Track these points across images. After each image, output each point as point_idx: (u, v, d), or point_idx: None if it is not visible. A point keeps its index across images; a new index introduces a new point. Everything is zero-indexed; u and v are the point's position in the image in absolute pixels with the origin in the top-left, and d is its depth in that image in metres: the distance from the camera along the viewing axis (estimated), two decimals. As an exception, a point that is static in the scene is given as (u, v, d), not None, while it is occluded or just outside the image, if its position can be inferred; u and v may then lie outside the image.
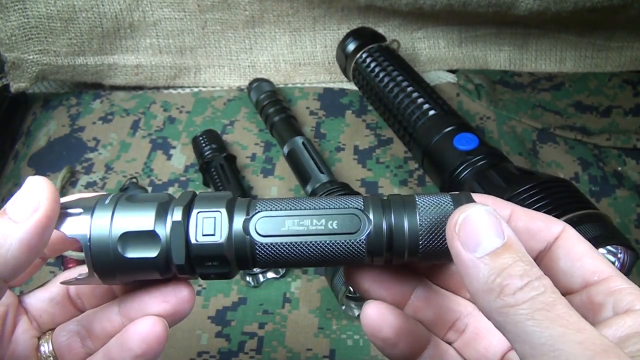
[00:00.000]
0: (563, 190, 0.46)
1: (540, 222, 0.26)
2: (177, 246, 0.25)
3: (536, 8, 0.66)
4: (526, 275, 0.22)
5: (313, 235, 0.25)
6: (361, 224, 0.25)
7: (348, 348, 0.50)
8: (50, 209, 0.25)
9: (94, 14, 0.67)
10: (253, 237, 0.25)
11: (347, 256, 0.26)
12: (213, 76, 0.74)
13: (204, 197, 0.26)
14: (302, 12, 0.71)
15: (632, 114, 0.69)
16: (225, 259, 0.25)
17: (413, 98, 0.58)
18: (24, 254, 0.24)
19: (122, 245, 0.25)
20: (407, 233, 0.25)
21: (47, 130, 0.68)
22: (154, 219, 0.25)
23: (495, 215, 0.23)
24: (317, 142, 0.66)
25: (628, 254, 0.45)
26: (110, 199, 0.26)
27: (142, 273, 0.26)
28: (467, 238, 0.23)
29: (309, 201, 0.26)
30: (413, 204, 0.26)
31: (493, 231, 0.23)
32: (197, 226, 0.25)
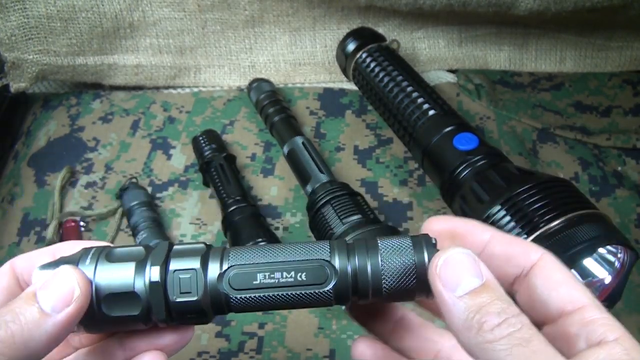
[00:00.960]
0: (563, 190, 0.46)
1: (518, 247, 0.27)
2: (157, 305, 0.27)
3: (536, 8, 0.66)
4: (504, 313, 0.23)
5: (283, 287, 0.27)
6: (328, 274, 0.27)
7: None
8: (82, 305, 0.25)
9: (94, 14, 0.67)
10: (227, 291, 0.27)
11: (316, 303, 0.28)
12: (213, 76, 0.74)
13: (179, 253, 0.28)
14: (302, 12, 0.71)
15: (632, 114, 0.69)
16: (202, 312, 0.27)
17: (413, 98, 0.58)
18: (50, 346, 0.25)
19: (105, 305, 0.26)
20: (370, 277, 0.27)
21: (47, 130, 0.68)
22: (133, 279, 0.27)
23: (474, 258, 0.24)
24: (317, 142, 0.66)
25: (628, 254, 0.45)
26: (90, 257, 0.27)
27: (127, 326, 0.28)
28: (447, 278, 0.24)
29: (280, 251, 0.28)
30: (375, 248, 0.27)
31: (472, 272, 0.24)
32: (174, 285, 0.27)
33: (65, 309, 0.25)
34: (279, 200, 0.61)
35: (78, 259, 0.27)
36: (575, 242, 0.41)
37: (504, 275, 0.27)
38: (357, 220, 0.50)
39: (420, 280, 0.26)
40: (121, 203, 0.59)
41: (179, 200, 0.61)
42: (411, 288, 0.27)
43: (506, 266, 0.27)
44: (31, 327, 0.24)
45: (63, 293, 0.25)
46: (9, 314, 0.24)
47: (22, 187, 0.63)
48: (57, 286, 0.25)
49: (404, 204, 0.60)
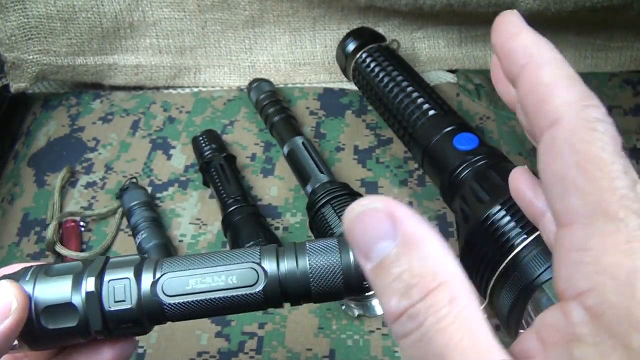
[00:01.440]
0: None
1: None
2: (93, 315, 0.27)
3: (536, 8, 0.66)
4: (405, 296, 0.18)
5: (215, 291, 0.28)
6: (258, 276, 0.28)
7: (348, 348, 0.50)
8: (20, 317, 0.26)
9: (94, 14, 0.67)
10: (161, 298, 0.28)
11: (248, 306, 0.28)
12: (213, 76, 0.74)
13: (114, 264, 0.29)
14: (302, 12, 0.71)
15: (632, 114, 0.69)
16: (137, 321, 0.28)
17: (413, 98, 0.58)
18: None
19: (44, 317, 0.27)
20: (298, 276, 0.28)
21: (47, 130, 0.68)
22: (70, 290, 0.27)
23: (384, 211, 0.19)
24: (317, 142, 0.66)
25: (628, 254, 0.45)
26: (30, 274, 0.28)
27: (67, 339, 0.28)
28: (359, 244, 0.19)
29: (212, 258, 0.29)
30: (304, 250, 0.28)
31: (382, 233, 0.19)
32: (109, 294, 0.28)
33: (3, 322, 0.25)
34: (279, 200, 0.61)
35: (19, 277, 0.28)
36: (575, 242, 0.41)
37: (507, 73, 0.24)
38: (357, 220, 0.50)
39: (347, 280, 0.27)
40: (121, 203, 0.59)
41: (179, 200, 0.61)
42: (339, 289, 0.28)
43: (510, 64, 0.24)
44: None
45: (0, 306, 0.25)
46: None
47: (22, 187, 0.63)
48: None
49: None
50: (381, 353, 0.49)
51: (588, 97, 0.21)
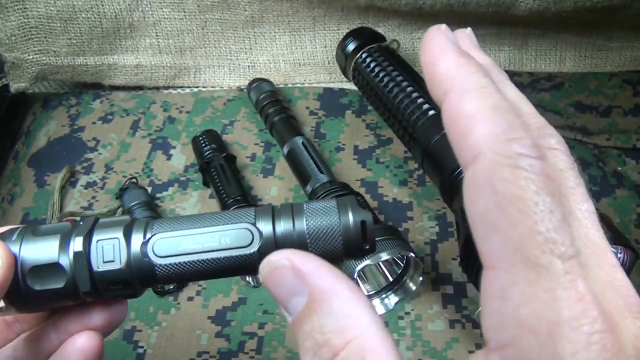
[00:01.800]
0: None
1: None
2: (81, 276, 0.27)
3: (536, 8, 0.66)
4: (317, 356, 0.18)
5: (208, 252, 0.27)
6: (252, 237, 0.27)
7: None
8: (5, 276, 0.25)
9: (94, 14, 0.67)
10: (151, 258, 0.27)
11: (243, 268, 0.27)
12: (213, 76, 0.74)
13: (103, 224, 0.28)
14: (302, 12, 0.71)
15: (632, 114, 0.69)
16: (127, 282, 0.27)
17: (413, 98, 0.58)
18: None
19: (30, 278, 0.26)
20: (295, 237, 0.26)
21: (47, 130, 0.68)
22: (57, 251, 0.27)
23: (290, 268, 0.20)
24: (317, 142, 0.66)
25: (628, 254, 0.45)
26: (17, 234, 0.28)
27: (55, 301, 0.28)
28: (276, 297, 0.20)
29: (205, 219, 0.27)
30: (301, 211, 0.27)
31: (293, 289, 0.19)
32: (97, 254, 0.27)
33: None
34: (279, 201, 0.61)
35: (5, 237, 0.27)
36: (575, 242, 0.41)
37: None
38: (357, 220, 0.50)
39: (346, 242, 0.26)
40: (121, 203, 0.59)
41: (179, 200, 0.61)
42: (338, 252, 0.26)
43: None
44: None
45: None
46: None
47: (22, 187, 0.63)
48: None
49: (404, 204, 0.60)
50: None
51: (513, 129, 0.18)
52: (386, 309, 0.51)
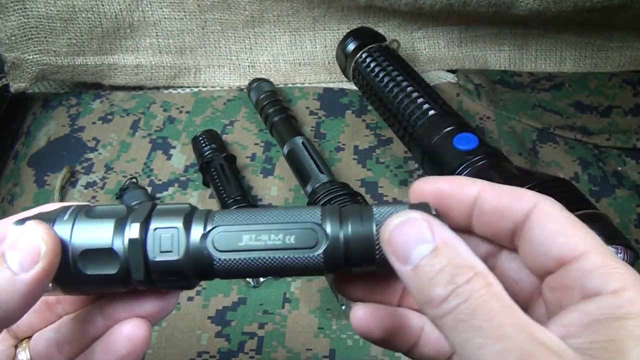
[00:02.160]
0: (563, 191, 0.46)
1: (508, 198, 0.24)
2: (135, 264, 0.25)
3: (536, 8, 0.66)
4: (451, 283, 0.20)
5: (270, 250, 0.25)
6: (318, 238, 0.25)
7: (348, 348, 0.50)
8: (52, 261, 0.24)
9: (94, 14, 0.67)
10: (211, 252, 0.26)
11: (306, 269, 0.26)
12: (213, 76, 0.74)
13: (162, 211, 0.27)
14: (302, 12, 0.71)
15: (632, 114, 0.69)
16: (183, 274, 0.26)
17: (413, 98, 0.58)
18: (25, 306, 0.24)
19: (81, 261, 0.25)
20: (363, 243, 0.25)
21: (47, 130, 0.68)
22: (112, 235, 0.25)
23: (422, 220, 0.22)
24: (317, 142, 0.66)
25: (628, 254, 0.45)
26: (69, 214, 0.26)
27: (104, 286, 0.27)
28: (398, 251, 0.22)
29: (268, 214, 0.26)
30: (370, 214, 0.26)
31: (420, 238, 0.22)
32: (154, 243, 0.26)
33: (34, 267, 0.24)
34: (279, 200, 0.61)
35: (56, 216, 0.26)
36: (575, 242, 0.41)
37: (501, 232, 0.25)
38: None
39: None
40: (121, 203, 0.59)
41: (179, 200, 0.61)
42: None
43: (500, 222, 0.24)
44: (2, 289, 0.23)
45: (29, 250, 0.24)
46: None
47: (22, 187, 0.63)
48: (23, 244, 0.24)
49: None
50: (381, 353, 0.49)
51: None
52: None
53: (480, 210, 0.25)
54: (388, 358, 0.49)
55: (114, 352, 0.27)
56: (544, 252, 0.23)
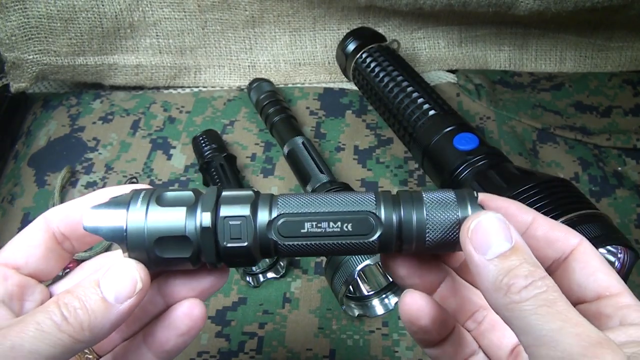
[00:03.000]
0: (563, 190, 0.46)
1: (559, 232, 0.28)
2: (207, 249, 0.28)
3: (536, 8, 0.66)
4: (531, 276, 0.24)
5: (330, 236, 0.28)
6: (374, 226, 0.28)
7: (348, 348, 0.50)
8: (144, 296, 0.27)
9: (94, 14, 0.67)
10: (276, 239, 0.28)
11: (360, 252, 0.29)
12: (213, 76, 0.74)
13: (229, 199, 0.29)
14: (302, 12, 0.71)
15: (632, 114, 0.69)
16: (251, 256, 0.28)
17: (413, 98, 0.58)
18: (112, 331, 0.26)
19: (158, 247, 0.28)
20: (415, 228, 0.28)
21: (47, 130, 0.68)
22: (184, 223, 0.27)
23: (504, 222, 0.26)
24: (317, 142, 0.66)
25: (628, 254, 0.45)
26: (140, 200, 0.28)
27: (176, 266, 0.29)
28: (478, 242, 0.25)
29: (327, 201, 0.29)
30: (420, 201, 0.28)
31: (502, 236, 0.25)
32: (224, 231, 0.28)
33: (129, 300, 0.26)
34: (279, 200, 0.61)
35: (129, 201, 0.28)
36: (575, 242, 0.41)
37: (544, 258, 0.28)
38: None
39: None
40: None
41: (179, 200, 0.61)
42: (453, 241, 0.28)
43: (547, 249, 0.28)
44: (97, 316, 0.25)
45: (126, 286, 0.26)
46: (76, 300, 0.25)
47: (23, 187, 0.63)
48: (121, 278, 0.26)
49: (404, 204, 0.60)
50: (381, 353, 0.49)
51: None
52: (386, 309, 0.51)
53: (531, 235, 0.29)
54: (388, 358, 0.49)
55: (176, 330, 0.29)
56: (584, 284, 0.27)
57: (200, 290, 0.30)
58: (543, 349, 0.23)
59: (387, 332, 0.50)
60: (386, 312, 0.51)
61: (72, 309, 0.25)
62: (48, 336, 0.24)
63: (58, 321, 0.25)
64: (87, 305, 0.25)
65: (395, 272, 0.31)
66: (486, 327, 0.32)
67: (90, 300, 0.26)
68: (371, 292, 0.52)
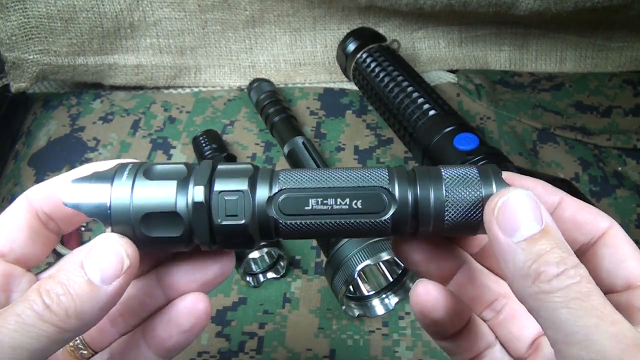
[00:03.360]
0: (563, 191, 0.45)
1: (587, 214, 0.26)
2: (199, 227, 0.25)
3: (536, 8, 0.66)
4: (563, 263, 0.21)
5: (337, 214, 0.25)
6: (386, 203, 0.25)
7: (348, 348, 0.50)
8: (133, 275, 0.24)
9: (94, 14, 0.67)
10: (276, 217, 0.25)
11: (371, 233, 0.26)
12: (213, 76, 0.74)
13: (225, 172, 0.26)
14: (303, 12, 0.71)
15: (632, 114, 0.69)
16: (248, 236, 0.25)
17: (413, 98, 0.58)
18: (102, 315, 0.24)
19: (144, 224, 0.25)
20: (432, 207, 0.25)
21: (47, 130, 0.68)
22: (174, 197, 0.25)
23: (535, 201, 0.23)
24: (318, 142, 0.66)
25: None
26: (126, 173, 0.25)
27: (166, 247, 0.26)
28: (505, 222, 0.23)
29: (333, 175, 0.26)
30: (439, 176, 0.25)
31: (532, 217, 0.23)
32: (219, 207, 0.25)
33: (117, 281, 0.23)
34: (279, 200, 0.61)
35: (113, 174, 0.25)
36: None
37: (572, 241, 0.25)
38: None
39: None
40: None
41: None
42: (475, 222, 0.25)
43: (575, 232, 0.26)
44: (83, 300, 0.23)
45: (112, 265, 0.24)
46: (59, 286, 0.23)
47: (23, 187, 0.63)
48: (105, 257, 0.24)
49: (404, 204, 0.60)
50: (381, 353, 0.49)
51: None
52: (386, 309, 0.51)
53: (558, 217, 0.26)
54: (388, 358, 0.49)
55: (178, 327, 0.27)
56: (614, 271, 0.25)
57: (203, 281, 0.27)
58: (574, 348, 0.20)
59: (387, 332, 0.50)
60: (386, 312, 0.51)
61: (55, 295, 0.23)
62: (30, 328, 0.22)
63: (40, 310, 0.22)
64: (70, 290, 0.23)
65: (409, 258, 0.28)
66: (505, 317, 0.29)
67: (74, 283, 0.23)
68: (371, 292, 0.52)
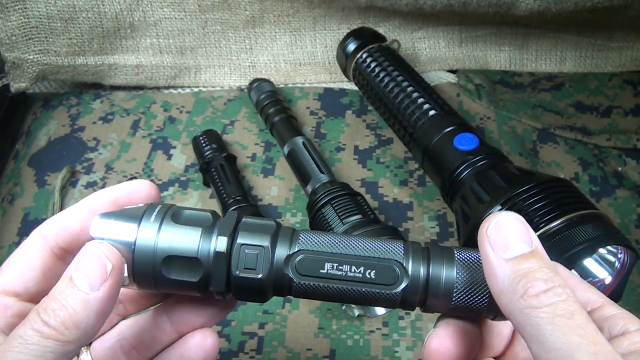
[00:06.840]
0: (563, 190, 0.46)
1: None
2: (218, 276, 0.26)
3: (536, 8, 0.66)
4: (550, 281, 0.23)
5: (350, 281, 0.26)
6: (399, 277, 0.26)
7: (348, 348, 0.50)
8: (119, 276, 0.25)
9: (95, 14, 0.67)
10: (292, 276, 0.26)
11: (379, 302, 0.27)
12: (213, 76, 0.74)
13: (249, 227, 0.27)
14: (303, 12, 0.71)
15: (632, 114, 0.69)
16: (262, 290, 0.27)
17: (413, 98, 0.58)
18: (100, 321, 0.25)
19: (165, 265, 0.26)
20: (442, 287, 0.26)
21: (47, 130, 0.68)
22: (198, 245, 0.26)
23: (525, 224, 0.25)
24: (317, 142, 0.66)
25: (628, 254, 0.45)
26: (155, 215, 0.27)
27: (181, 290, 0.27)
28: (497, 241, 0.24)
29: (351, 243, 0.27)
30: (452, 258, 0.26)
31: (523, 238, 0.24)
32: (239, 259, 0.26)
33: (104, 285, 0.24)
34: (280, 200, 0.61)
35: (142, 214, 0.26)
36: (576, 242, 0.41)
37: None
38: (358, 220, 0.50)
39: (492, 301, 0.25)
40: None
41: (179, 200, 0.61)
42: (481, 308, 0.26)
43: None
44: (78, 310, 0.24)
45: (96, 270, 0.25)
46: (53, 302, 0.24)
47: (23, 187, 0.63)
48: (89, 265, 0.25)
49: (404, 204, 0.60)
50: (381, 353, 0.49)
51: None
52: (386, 309, 0.51)
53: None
54: (388, 358, 0.49)
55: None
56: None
57: (210, 316, 0.29)
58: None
59: (387, 332, 0.50)
60: (386, 312, 0.51)
61: (51, 311, 0.24)
62: (33, 347, 0.23)
63: (39, 328, 0.23)
64: (64, 302, 0.24)
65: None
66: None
67: (66, 296, 0.24)
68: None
